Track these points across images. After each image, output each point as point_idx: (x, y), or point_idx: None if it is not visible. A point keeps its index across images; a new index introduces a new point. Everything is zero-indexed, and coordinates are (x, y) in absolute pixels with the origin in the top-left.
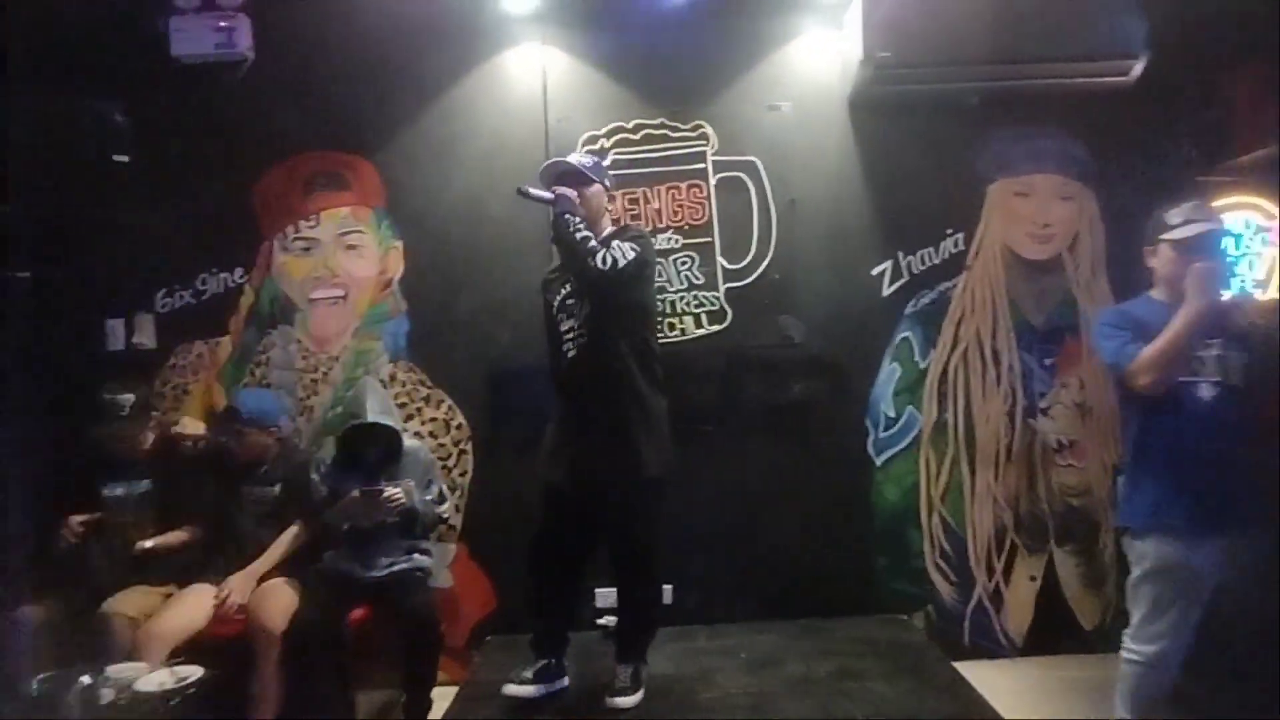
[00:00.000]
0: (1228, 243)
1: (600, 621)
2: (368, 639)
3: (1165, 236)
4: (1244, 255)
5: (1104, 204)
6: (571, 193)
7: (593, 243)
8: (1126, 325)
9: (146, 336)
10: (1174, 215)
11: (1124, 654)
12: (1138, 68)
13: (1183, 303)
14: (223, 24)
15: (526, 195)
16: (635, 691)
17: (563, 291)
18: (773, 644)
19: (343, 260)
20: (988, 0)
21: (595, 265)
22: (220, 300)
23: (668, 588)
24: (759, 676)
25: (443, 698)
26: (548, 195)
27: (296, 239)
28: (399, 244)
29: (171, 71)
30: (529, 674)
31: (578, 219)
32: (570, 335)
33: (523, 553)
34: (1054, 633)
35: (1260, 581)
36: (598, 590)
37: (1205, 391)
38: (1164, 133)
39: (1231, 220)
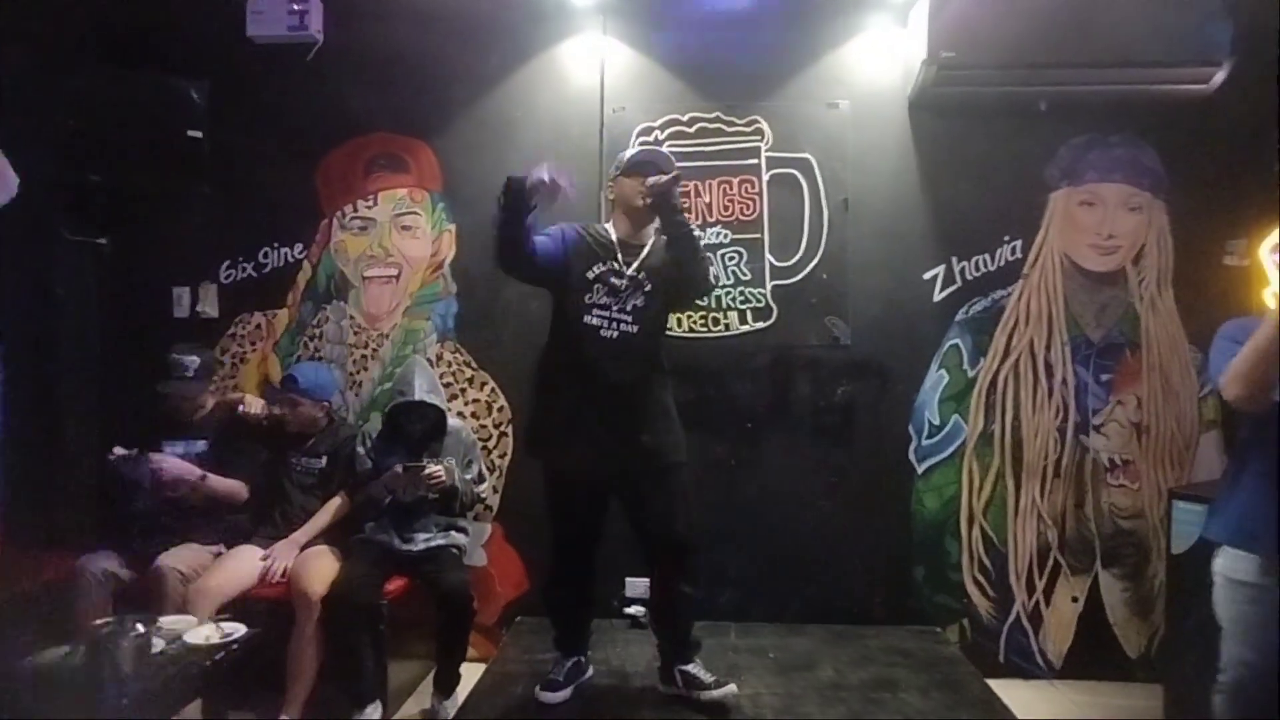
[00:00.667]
0: None
1: (629, 610)
2: (403, 610)
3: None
4: None
5: (1175, 217)
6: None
7: (706, 253)
8: (1243, 339)
9: (210, 305)
10: None
11: (1216, 688)
12: (1219, 76)
13: None
14: (296, 6)
15: (655, 185)
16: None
17: (602, 267)
18: (804, 647)
19: (397, 240)
20: (1060, 1)
21: (708, 281)
22: (280, 274)
23: None
24: (789, 679)
25: (472, 672)
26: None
27: (354, 218)
28: (452, 227)
29: (246, 51)
30: (560, 677)
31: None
32: (608, 315)
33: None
34: (1095, 658)
35: None
36: (629, 579)
37: None
38: (1245, 145)
39: None
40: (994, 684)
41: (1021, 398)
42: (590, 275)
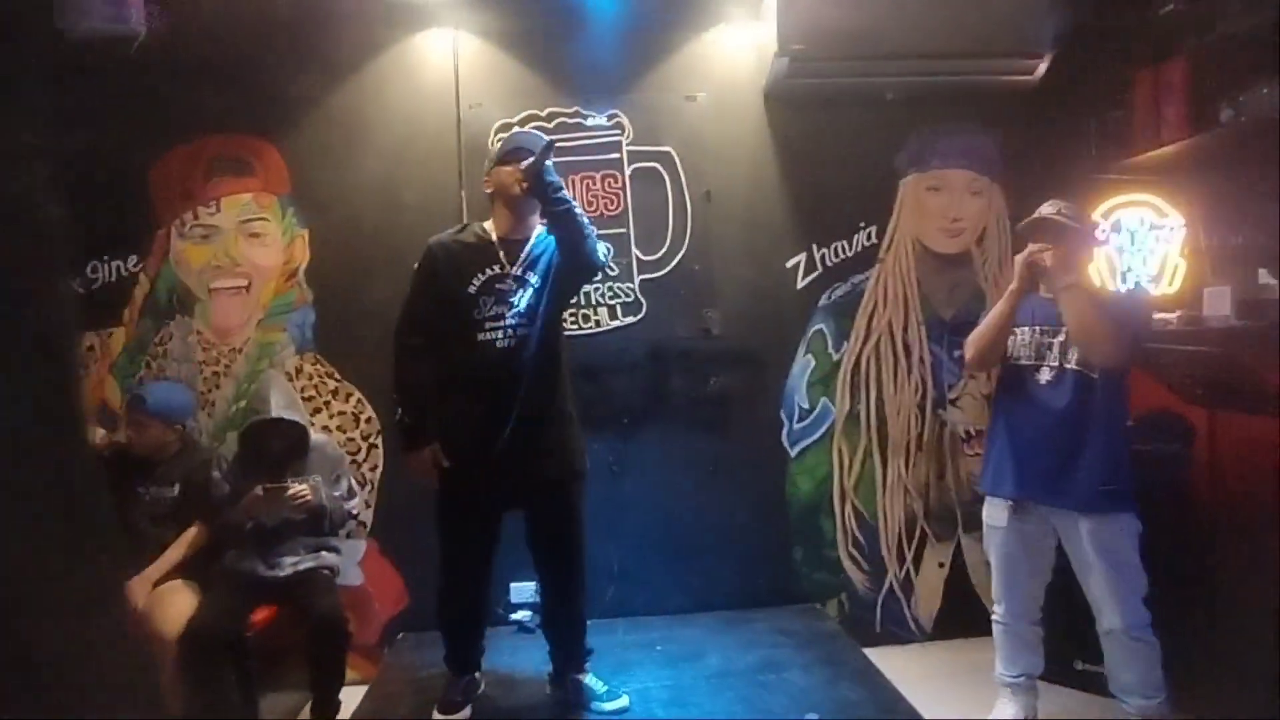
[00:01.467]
0: (1121, 238)
1: (515, 617)
2: (274, 640)
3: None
4: (1138, 251)
5: (1011, 200)
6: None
7: (593, 231)
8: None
9: None
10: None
11: (991, 619)
12: (1042, 67)
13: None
14: None
15: (528, 166)
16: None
17: (490, 272)
18: (691, 636)
19: (245, 249)
20: None
21: (597, 258)
22: (113, 289)
23: None
24: (677, 669)
25: (352, 696)
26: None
27: (195, 226)
28: (305, 232)
29: (59, 46)
30: (458, 696)
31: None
32: (501, 325)
33: (433, 548)
34: (961, 617)
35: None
36: (513, 585)
37: (1045, 375)
38: (1068, 131)
39: (1129, 217)
40: (871, 653)
41: (884, 377)
42: (473, 289)
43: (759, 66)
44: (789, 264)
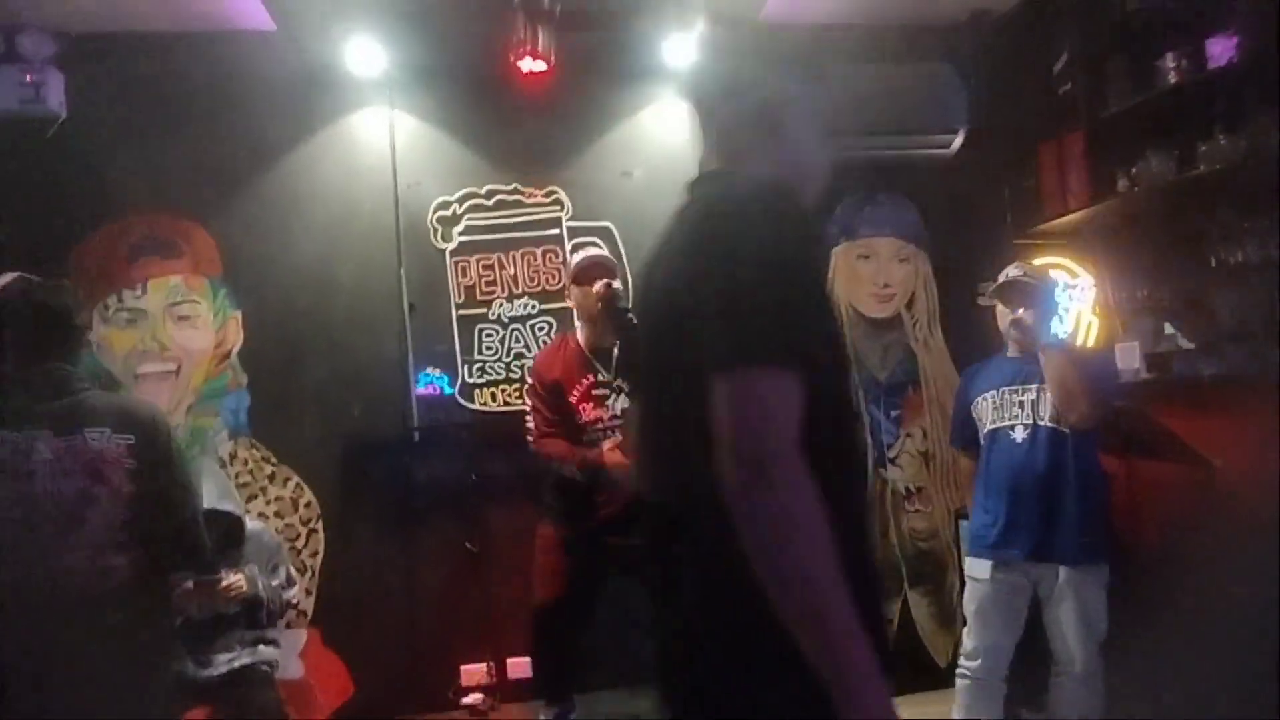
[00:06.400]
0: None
1: (466, 701)
2: None
3: (985, 297)
4: (1056, 311)
5: (936, 264)
6: None
7: None
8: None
9: None
10: (999, 275)
11: (957, 672)
12: (957, 141)
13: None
14: (30, 78)
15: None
16: None
17: (584, 383)
18: (639, 708)
19: (174, 332)
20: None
21: None
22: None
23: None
24: None
25: None
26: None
27: (120, 310)
28: (238, 314)
29: None
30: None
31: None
32: (598, 425)
33: (376, 636)
34: (910, 672)
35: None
36: (464, 668)
37: (1020, 434)
38: (984, 199)
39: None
40: None
41: None
42: (573, 397)
43: (693, 142)
44: None
